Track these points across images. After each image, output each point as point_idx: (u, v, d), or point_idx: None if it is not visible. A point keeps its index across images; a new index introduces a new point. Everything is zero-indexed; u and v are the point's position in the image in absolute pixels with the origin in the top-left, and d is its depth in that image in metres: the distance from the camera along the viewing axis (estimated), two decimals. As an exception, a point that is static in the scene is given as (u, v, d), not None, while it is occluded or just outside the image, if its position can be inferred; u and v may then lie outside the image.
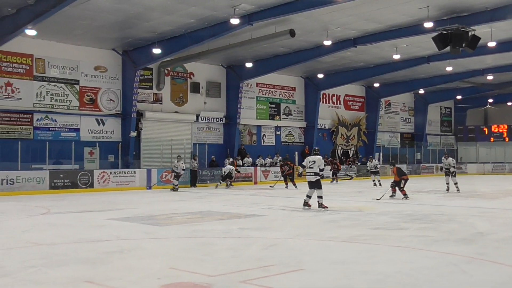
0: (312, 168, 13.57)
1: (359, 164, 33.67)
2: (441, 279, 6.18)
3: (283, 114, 32.02)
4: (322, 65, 29.04)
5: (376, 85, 35.43)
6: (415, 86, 36.08)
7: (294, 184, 23.00)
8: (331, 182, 27.29)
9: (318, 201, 13.59)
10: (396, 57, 26.27)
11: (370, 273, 6.48)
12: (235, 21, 18.92)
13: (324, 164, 14.25)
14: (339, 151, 34.78)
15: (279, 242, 8.81)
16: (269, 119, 31.32)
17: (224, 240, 9.17)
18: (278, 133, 31.81)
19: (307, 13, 19.03)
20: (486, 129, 42.36)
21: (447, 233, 9.64)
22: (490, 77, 33.05)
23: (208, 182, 25.43)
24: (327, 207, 13.54)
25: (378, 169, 24.74)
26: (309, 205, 13.81)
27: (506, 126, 41.44)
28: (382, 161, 35.72)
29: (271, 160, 29.58)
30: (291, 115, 32.48)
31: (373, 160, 25.65)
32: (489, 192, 20.33)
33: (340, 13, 19.69)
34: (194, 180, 24.76)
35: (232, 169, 24.06)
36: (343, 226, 10.74)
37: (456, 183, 19.67)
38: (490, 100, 41.65)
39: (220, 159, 27.23)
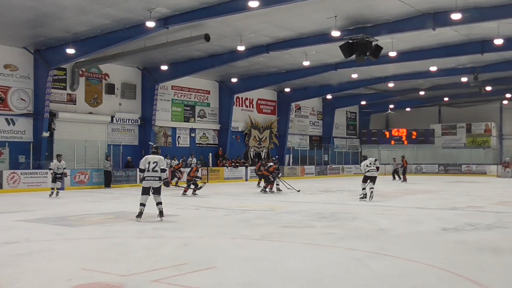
0: (156, 171, 11.21)
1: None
2: (345, 274, 6.35)
3: (197, 117, 31.87)
4: (236, 69, 29.18)
5: (287, 90, 36.07)
6: (323, 91, 37.02)
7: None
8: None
9: (160, 208, 11.35)
10: (306, 63, 26.83)
11: (279, 269, 6.55)
12: (150, 24, 18.59)
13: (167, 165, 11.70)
14: (251, 153, 35.07)
15: (192, 242, 8.74)
16: (184, 121, 31.07)
17: (137, 240, 8.97)
18: (192, 135, 31.62)
19: (222, 19, 19.04)
20: (387, 133, 44.25)
21: (352, 230, 9.94)
22: (391, 85, 34.50)
23: (126, 183, 24.91)
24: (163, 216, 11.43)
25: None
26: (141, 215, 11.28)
27: (405, 130, 43.53)
28: (292, 163, 36.40)
29: (185, 161, 29.34)
30: (206, 117, 32.40)
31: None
32: (390, 191, 21.15)
33: (254, 20, 19.86)
34: (108, 181, 24.12)
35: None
36: (255, 225, 10.81)
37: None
38: (391, 106, 43.53)
39: (135, 160, 26.68)
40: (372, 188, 16.51)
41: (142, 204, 11.31)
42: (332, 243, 8.49)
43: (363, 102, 42.01)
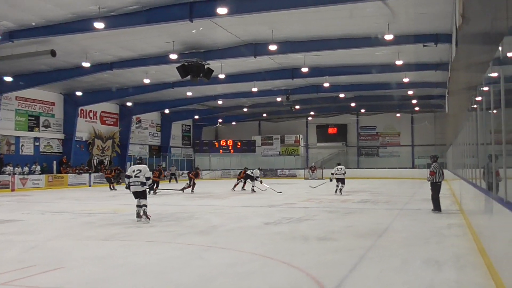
0: (138, 177, 11.18)
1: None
2: (184, 266, 6.36)
3: (42, 126, 29.50)
4: (81, 84, 27.65)
5: (129, 104, 35.09)
6: (162, 106, 36.71)
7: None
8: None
9: (143, 210, 11.12)
10: (147, 81, 26.38)
11: (125, 265, 6.35)
12: (-5, 36, 16.89)
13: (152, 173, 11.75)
14: (95, 161, 33.42)
15: (39, 244, 8.07)
16: (28, 130, 28.57)
17: (-19, 246, 8.04)
18: (37, 143, 29.20)
19: (68, 37, 17.93)
20: (217, 143, 45.10)
21: (189, 227, 9.98)
22: (220, 102, 35.41)
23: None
24: (150, 217, 11.22)
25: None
26: (141, 216, 11.12)
27: (231, 141, 44.80)
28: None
29: (29, 169, 27.05)
30: (50, 127, 30.13)
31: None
32: (220, 193, 21.62)
33: (99, 39, 19.03)
34: None
35: None
36: (101, 226, 10.32)
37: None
38: (220, 120, 44.69)
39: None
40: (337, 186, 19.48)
41: (139, 206, 11.20)
42: (172, 240, 8.44)
43: (196, 116, 42.53)
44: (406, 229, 9.66)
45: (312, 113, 43.43)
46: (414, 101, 35.75)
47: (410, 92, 31.63)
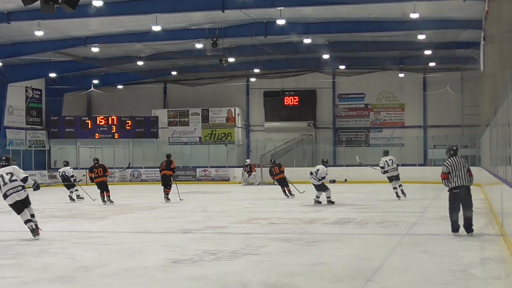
0: (15, 180, 13.15)
1: None
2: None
3: None
4: None
5: None
6: (-12, 55, 35.99)
7: None
8: None
9: (32, 225, 13.36)
10: (-42, 9, 25.78)
11: None
12: None
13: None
14: None
15: None
16: None
17: None
18: None
19: None
20: (89, 122, 44.47)
21: (40, 270, 9.82)
22: (95, 49, 34.91)
23: None
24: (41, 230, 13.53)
25: None
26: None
27: (115, 118, 44.12)
28: None
29: None
30: None
31: None
32: (95, 209, 21.31)
33: None
34: None
35: None
36: None
37: None
38: (96, 81, 44.02)
39: None
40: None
41: (29, 220, 13.29)
42: (8, 293, 8.32)
43: (53, 75, 41.71)
44: (412, 267, 9.90)
45: (257, 70, 43.64)
46: (427, 52, 36.66)
47: (422, 37, 32.39)
